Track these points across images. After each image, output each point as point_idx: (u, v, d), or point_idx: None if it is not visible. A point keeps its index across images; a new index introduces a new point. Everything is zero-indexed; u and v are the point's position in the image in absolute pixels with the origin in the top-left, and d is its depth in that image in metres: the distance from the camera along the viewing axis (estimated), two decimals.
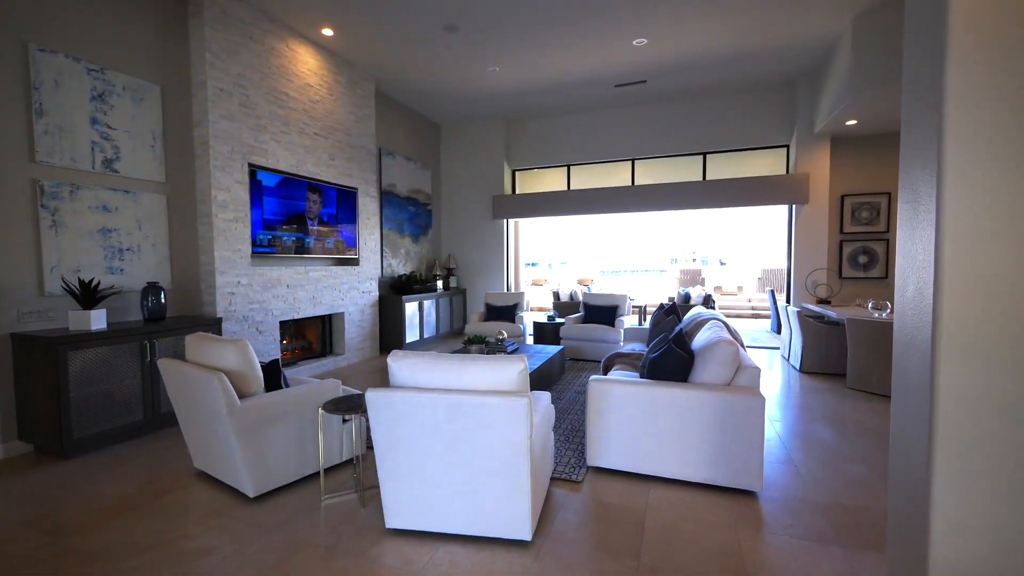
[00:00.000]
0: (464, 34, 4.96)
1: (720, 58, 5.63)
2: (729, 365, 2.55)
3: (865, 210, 6.54)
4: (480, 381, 1.94)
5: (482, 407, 1.85)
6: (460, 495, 1.98)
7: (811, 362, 5.09)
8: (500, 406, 1.83)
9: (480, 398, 1.85)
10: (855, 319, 4.44)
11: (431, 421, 1.91)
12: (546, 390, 4.32)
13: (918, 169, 1.35)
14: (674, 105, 7.09)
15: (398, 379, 2.02)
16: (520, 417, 1.82)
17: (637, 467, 2.64)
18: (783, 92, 6.55)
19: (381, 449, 2.00)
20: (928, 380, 1.29)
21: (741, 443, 2.43)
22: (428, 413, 1.90)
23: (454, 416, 1.88)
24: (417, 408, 1.91)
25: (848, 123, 5.74)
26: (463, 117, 7.78)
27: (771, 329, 8.61)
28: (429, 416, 1.90)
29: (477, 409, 1.86)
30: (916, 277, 1.38)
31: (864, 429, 3.44)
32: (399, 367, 2.00)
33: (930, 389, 1.29)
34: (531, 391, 2.47)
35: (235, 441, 2.31)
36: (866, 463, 2.87)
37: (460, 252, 8.22)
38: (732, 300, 11.99)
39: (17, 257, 3.09)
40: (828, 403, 4.05)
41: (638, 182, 7.48)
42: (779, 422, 3.61)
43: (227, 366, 2.39)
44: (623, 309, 6.05)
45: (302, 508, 2.37)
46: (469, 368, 1.94)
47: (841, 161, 6.53)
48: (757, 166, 6.94)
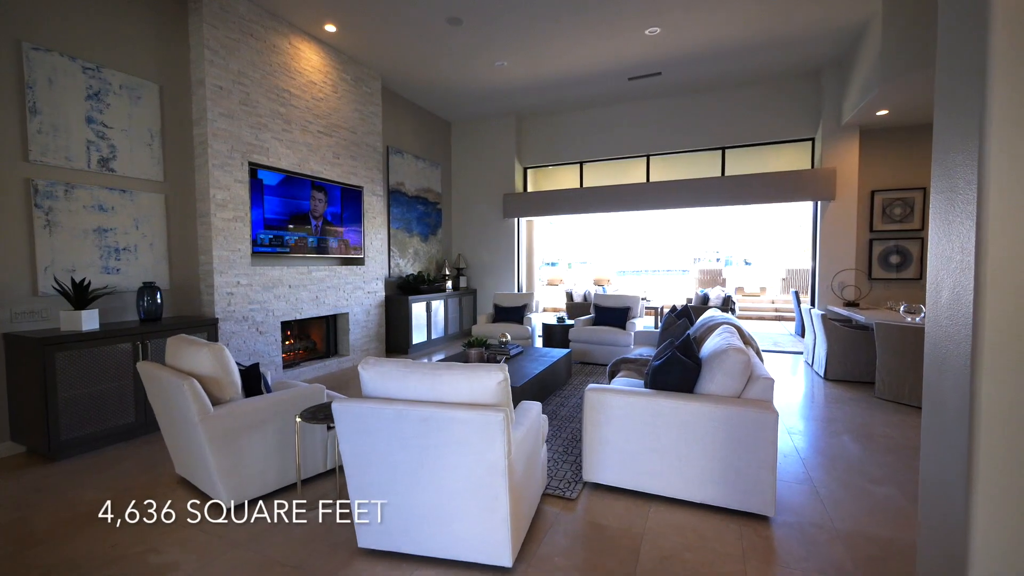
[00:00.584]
0: (468, 27, 4.81)
1: (739, 47, 5.32)
2: (739, 376, 2.32)
3: (898, 206, 6.13)
4: (456, 393, 1.77)
5: (454, 422, 1.69)
6: (434, 516, 1.82)
7: (836, 369, 4.76)
8: (473, 421, 1.67)
9: (452, 412, 1.69)
10: (885, 323, 4.11)
11: (400, 436, 1.75)
12: (551, 395, 4.14)
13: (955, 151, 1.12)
14: (691, 98, 6.79)
15: (369, 389, 1.88)
16: (495, 434, 1.65)
17: (637, 484, 2.43)
18: (807, 82, 6.18)
19: (350, 465, 1.86)
20: (966, 400, 1.07)
21: (751, 462, 2.20)
22: (397, 427, 1.75)
23: (425, 431, 1.72)
24: (385, 421, 1.76)
25: (879, 113, 5.36)
26: (473, 114, 7.64)
27: (795, 332, 8.21)
28: (398, 430, 1.75)
29: (449, 424, 1.69)
30: (952, 280, 1.16)
31: (894, 445, 3.14)
32: (370, 376, 1.85)
33: (968, 410, 1.07)
34: (523, 401, 2.31)
35: (208, 449, 2.21)
36: (895, 485, 2.59)
37: (470, 252, 8.08)
38: (754, 302, 11.53)
39: (11, 257, 3.08)
40: (854, 415, 3.75)
41: (653, 179, 7.20)
42: (799, 435, 3.34)
43: (201, 371, 2.29)
44: (635, 311, 5.80)
45: (278, 521, 2.25)
46: (444, 378, 1.78)
47: (871, 154, 6.13)
48: (780, 161, 6.59)
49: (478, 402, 1.76)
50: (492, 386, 1.76)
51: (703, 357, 2.57)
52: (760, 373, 2.40)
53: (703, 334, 3.23)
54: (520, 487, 1.86)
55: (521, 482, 1.87)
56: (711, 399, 2.30)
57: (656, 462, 2.38)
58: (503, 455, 1.67)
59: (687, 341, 2.67)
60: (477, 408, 1.68)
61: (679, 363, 2.46)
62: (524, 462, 1.92)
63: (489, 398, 1.76)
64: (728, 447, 2.24)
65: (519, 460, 1.84)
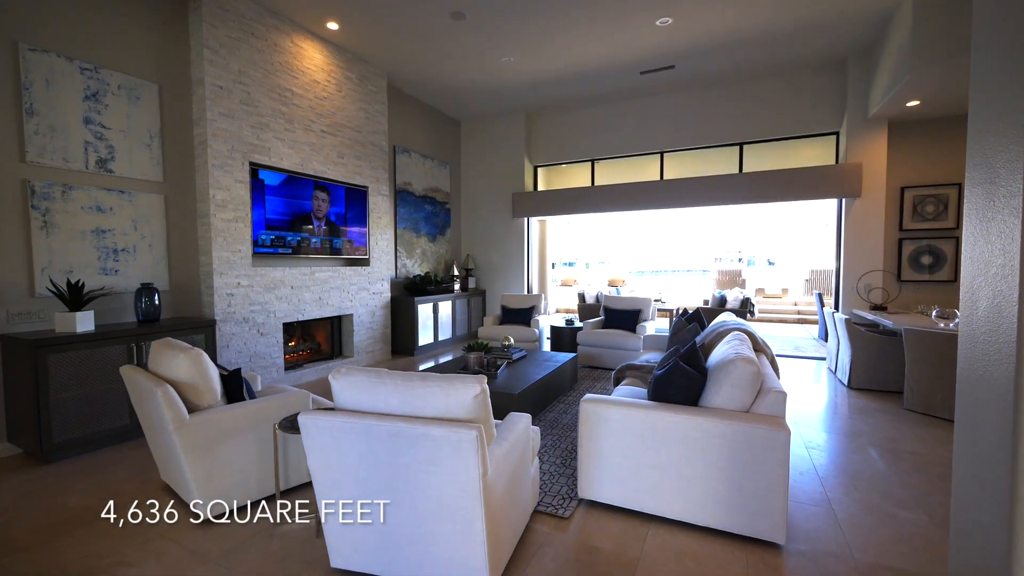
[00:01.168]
0: (472, 21, 4.68)
1: (757, 36, 5.06)
2: (747, 388, 2.13)
3: (930, 203, 5.76)
4: (430, 406, 1.64)
5: (425, 438, 1.55)
6: (407, 539, 1.69)
7: (861, 377, 4.47)
8: (445, 438, 1.53)
9: (423, 428, 1.55)
10: (915, 329, 3.82)
11: (370, 452, 1.63)
12: (553, 402, 3.98)
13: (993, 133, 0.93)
14: (706, 91, 6.52)
15: (340, 400, 1.76)
16: (468, 452, 1.51)
17: (635, 503, 2.26)
18: (831, 72, 5.86)
19: (319, 481, 1.74)
20: (1008, 424, 0.88)
21: (760, 483, 2.01)
22: (367, 443, 1.62)
23: (395, 447, 1.59)
24: (354, 436, 1.63)
25: (909, 104, 5.03)
26: (482, 113, 7.52)
27: (818, 336, 7.84)
28: (368, 446, 1.63)
29: (420, 441, 1.56)
30: (991, 288, 0.97)
31: (923, 463, 2.88)
32: (340, 386, 1.73)
33: (1011, 436, 0.89)
34: (512, 413, 2.16)
35: (184, 458, 2.13)
36: (924, 509, 2.35)
37: (480, 252, 7.96)
38: (776, 304, 11.10)
39: (8, 258, 3.08)
40: (879, 428, 3.48)
41: (667, 177, 6.95)
42: (818, 449, 3.10)
43: (178, 377, 2.21)
44: (647, 313, 5.59)
45: (255, 534, 2.16)
46: (418, 390, 1.65)
47: (901, 149, 5.78)
48: (802, 156, 6.27)
49: (454, 417, 1.62)
50: (468, 400, 1.62)
51: (709, 367, 2.38)
52: (771, 385, 2.20)
53: (712, 340, 3.03)
54: (501, 509, 1.71)
55: (502, 504, 1.72)
56: (716, 413, 2.11)
57: (656, 480, 2.20)
58: (477, 476, 1.53)
59: (692, 349, 2.48)
60: (449, 424, 1.54)
61: (681, 373, 2.28)
62: (507, 481, 1.77)
63: (465, 413, 1.62)
64: (734, 466, 2.05)
65: (499, 479, 1.70)
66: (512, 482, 1.84)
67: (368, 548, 1.76)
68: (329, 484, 1.73)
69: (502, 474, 1.73)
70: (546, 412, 3.77)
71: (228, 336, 4.16)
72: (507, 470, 1.79)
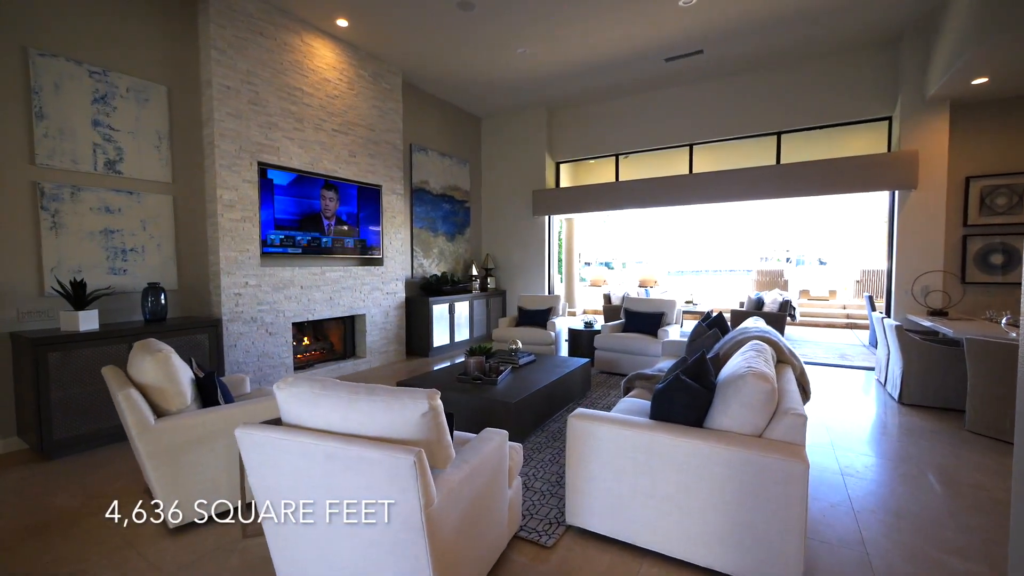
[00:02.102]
0: (481, 11, 4.49)
1: (794, 13, 4.59)
2: (759, 408, 1.82)
3: (1001, 195, 5.07)
4: (373, 424, 1.45)
5: (361, 461, 1.37)
6: (351, 571, 1.51)
7: (915, 392, 3.95)
8: (380, 462, 1.34)
9: (359, 449, 1.37)
10: (979, 338, 3.31)
11: (308, 474, 1.46)
12: (559, 412, 3.73)
13: None
14: (738, 78, 6.04)
15: (285, 414, 1.60)
16: (405, 480, 1.31)
17: (627, 535, 2.00)
18: (881, 51, 5.27)
19: (261, 502, 1.60)
20: None
21: (772, 521, 1.71)
22: (304, 464, 1.46)
23: (331, 471, 1.42)
24: (290, 456, 1.47)
25: (975, 82, 4.42)
26: (502, 108, 7.32)
27: (869, 343, 7.16)
28: (305, 468, 1.46)
29: (356, 464, 1.38)
30: None
31: (986, 499, 2.44)
32: (283, 397, 1.58)
33: None
34: (486, 429, 1.95)
35: (148, 465, 2.05)
36: (985, 560, 1.95)
37: (500, 251, 7.78)
38: (822, 307, 10.27)
39: (18, 258, 3.16)
40: (934, 453, 3.02)
41: (697, 170, 6.51)
42: (856, 477, 2.70)
43: (145, 380, 2.14)
44: (670, 317, 5.22)
45: (218, 547, 2.05)
46: (360, 405, 1.46)
47: (965, 134, 5.13)
48: (848, 145, 5.70)
49: (399, 437, 1.43)
50: (415, 418, 1.42)
51: (719, 381, 2.08)
52: (789, 406, 1.88)
53: (729, 350, 2.70)
54: (455, 544, 1.51)
55: (457, 538, 1.52)
56: (721, 437, 1.82)
57: (652, 510, 1.93)
58: (418, 507, 1.33)
59: (701, 360, 2.18)
60: (387, 446, 1.35)
61: (683, 388, 1.99)
62: (465, 511, 1.56)
63: (410, 433, 1.42)
64: (742, 500, 1.75)
65: (454, 509, 1.49)
66: (473, 512, 1.63)
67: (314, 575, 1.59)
68: (271, 505, 1.58)
69: (458, 502, 1.52)
70: (551, 423, 3.53)
71: (236, 335, 4.17)
72: (467, 495, 1.58)
